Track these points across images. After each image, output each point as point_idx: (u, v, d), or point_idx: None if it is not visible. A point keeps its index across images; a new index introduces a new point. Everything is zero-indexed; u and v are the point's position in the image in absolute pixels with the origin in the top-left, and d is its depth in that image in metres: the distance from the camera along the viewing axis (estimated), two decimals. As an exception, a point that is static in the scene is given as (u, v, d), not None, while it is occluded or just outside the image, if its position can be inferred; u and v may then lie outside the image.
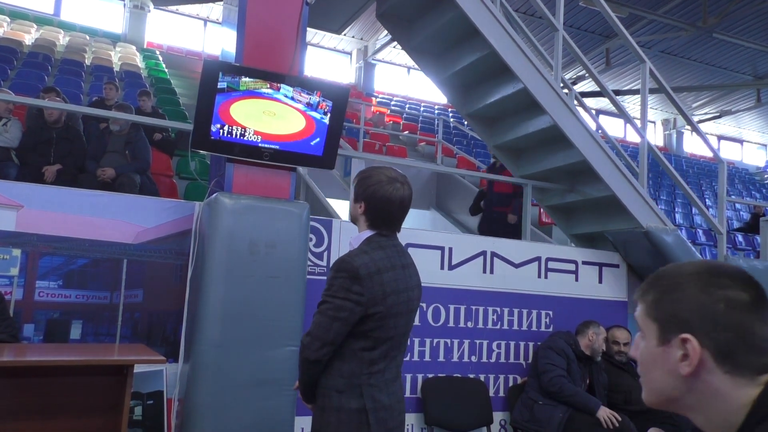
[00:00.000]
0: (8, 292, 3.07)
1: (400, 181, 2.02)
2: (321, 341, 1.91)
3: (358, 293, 1.90)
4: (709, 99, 18.60)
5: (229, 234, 3.06)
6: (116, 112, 5.12)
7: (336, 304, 1.91)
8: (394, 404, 2.01)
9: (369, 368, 1.95)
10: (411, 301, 2.05)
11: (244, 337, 3.01)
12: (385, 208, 2.00)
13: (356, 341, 1.95)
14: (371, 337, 1.95)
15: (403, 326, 2.04)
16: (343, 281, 1.91)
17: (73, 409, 2.44)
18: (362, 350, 1.95)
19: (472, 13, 4.04)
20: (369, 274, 1.92)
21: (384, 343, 1.97)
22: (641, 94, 4.74)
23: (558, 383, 3.76)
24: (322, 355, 1.92)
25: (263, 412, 3.01)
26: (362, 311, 1.91)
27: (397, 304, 1.97)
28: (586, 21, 13.68)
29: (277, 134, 3.25)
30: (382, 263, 1.96)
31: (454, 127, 13.21)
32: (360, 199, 2.04)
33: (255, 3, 3.32)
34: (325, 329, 1.91)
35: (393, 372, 2.04)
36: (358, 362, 1.95)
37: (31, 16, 14.27)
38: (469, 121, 5.22)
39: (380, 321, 1.94)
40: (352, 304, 1.90)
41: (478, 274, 4.12)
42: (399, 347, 2.06)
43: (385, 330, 1.95)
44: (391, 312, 1.95)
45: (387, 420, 1.96)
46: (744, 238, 9.91)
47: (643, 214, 4.34)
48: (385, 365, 1.99)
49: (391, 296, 1.95)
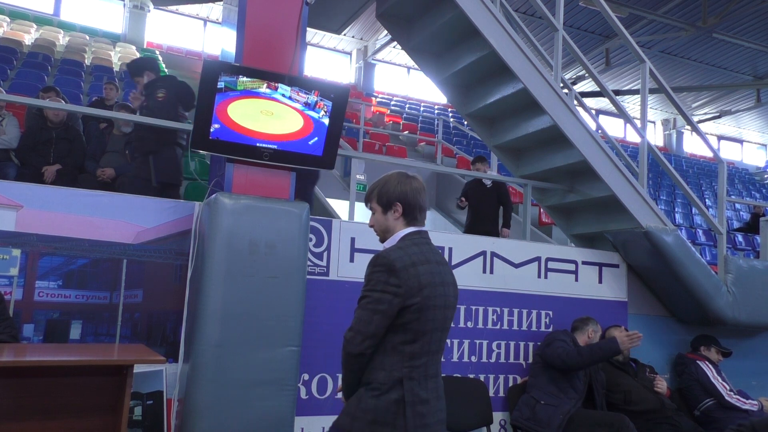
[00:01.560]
0: (8, 292, 3.07)
1: (412, 176, 2.17)
2: (363, 335, 1.97)
3: (396, 285, 1.96)
4: (709, 99, 18.61)
5: (229, 234, 3.06)
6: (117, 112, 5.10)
7: (375, 297, 1.98)
8: (433, 400, 2.04)
9: (410, 362, 2.00)
10: (447, 296, 2.10)
11: (244, 337, 3.01)
12: (419, 199, 2.14)
13: (396, 335, 2.00)
14: (410, 329, 2.00)
15: (441, 320, 2.07)
16: (380, 275, 1.98)
17: (73, 409, 2.43)
18: (402, 344, 2.00)
19: (472, 13, 4.04)
20: (404, 267, 1.98)
21: (423, 336, 2.02)
22: (641, 94, 4.74)
23: (570, 354, 3.75)
24: (364, 348, 1.98)
25: (263, 412, 3.00)
26: (400, 303, 1.97)
27: (434, 297, 2.03)
28: (586, 21, 13.69)
29: (274, 134, 3.25)
30: (417, 257, 2.03)
31: (454, 127, 13.22)
32: (392, 202, 2.13)
33: (255, 3, 3.31)
34: (366, 323, 1.97)
35: (434, 369, 2.08)
36: (399, 356, 2.00)
37: (30, 16, 14.28)
38: (469, 121, 5.22)
39: (417, 313, 1.99)
40: (390, 296, 1.96)
41: (478, 274, 4.12)
42: (438, 343, 2.10)
43: (423, 323, 2.01)
44: (428, 304, 2.01)
45: (425, 415, 1.99)
46: (744, 238, 9.91)
47: (643, 214, 4.34)
48: (426, 360, 2.04)
49: (427, 288, 2.01)
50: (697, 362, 4.43)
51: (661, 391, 4.13)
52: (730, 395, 4.28)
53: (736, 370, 4.72)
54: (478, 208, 6.10)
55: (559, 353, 3.77)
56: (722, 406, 4.25)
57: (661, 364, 4.61)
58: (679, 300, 4.58)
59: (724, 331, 4.69)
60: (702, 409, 4.31)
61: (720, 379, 4.36)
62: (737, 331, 4.80)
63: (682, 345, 4.71)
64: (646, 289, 4.70)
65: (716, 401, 4.27)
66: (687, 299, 4.48)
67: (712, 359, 4.50)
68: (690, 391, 4.38)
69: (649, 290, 4.71)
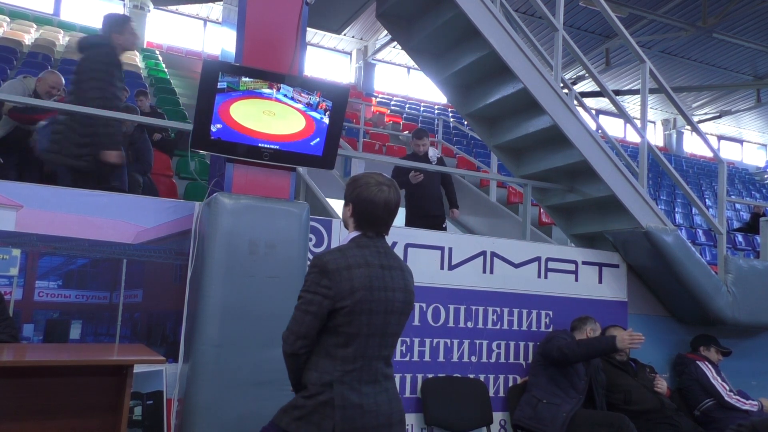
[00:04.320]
0: (8, 292, 3.07)
1: (386, 185, 2.12)
2: (295, 335, 2.02)
3: (326, 287, 1.98)
4: (709, 99, 18.61)
5: (229, 234, 3.06)
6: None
7: (307, 299, 2.01)
8: (368, 405, 2.01)
9: (342, 366, 2.00)
10: (390, 301, 2.06)
11: (244, 337, 3.01)
12: (369, 210, 2.09)
13: (329, 338, 2.02)
14: (342, 332, 2.00)
15: (380, 326, 2.04)
16: (314, 276, 2.02)
17: (73, 409, 2.43)
18: (335, 347, 2.01)
19: (471, 13, 4.04)
20: (337, 269, 2.00)
21: (355, 339, 2.00)
22: (641, 94, 4.74)
23: (569, 345, 3.76)
24: (297, 348, 2.02)
25: (263, 412, 2.99)
26: (330, 305, 1.99)
27: (369, 301, 2.01)
28: (586, 21, 13.69)
29: (276, 134, 3.25)
30: (354, 260, 2.03)
31: (454, 127, 13.21)
32: (348, 201, 2.15)
33: (255, 3, 3.31)
34: (298, 323, 2.02)
35: (371, 374, 2.05)
36: (331, 359, 2.01)
37: (30, 16, 14.28)
38: (469, 121, 5.22)
39: (348, 316, 1.99)
40: (320, 298, 1.99)
41: (478, 274, 4.12)
42: (378, 348, 2.06)
43: (355, 326, 2.00)
44: (361, 308, 1.99)
45: (356, 419, 1.97)
46: (744, 238, 9.91)
47: (643, 214, 4.34)
48: (361, 365, 2.02)
49: (361, 292, 1.99)
50: (696, 362, 4.43)
51: (661, 391, 4.13)
52: (729, 395, 4.28)
53: (736, 370, 4.72)
54: (423, 188, 5.39)
55: (559, 345, 3.78)
56: (722, 406, 4.25)
57: (661, 364, 4.61)
58: (679, 300, 4.58)
59: (724, 331, 4.69)
60: (702, 409, 4.31)
61: (720, 380, 4.36)
62: (737, 331, 4.79)
63: (682, 345, 4.71)
64: (646, 289, 4.70)
65: (716, 401, 4.27)
66: (687, 299, 4.48)
67: (711, 359, 4.50)
68: (690, 391, 4.38)
69: (649, 290, 4.71)
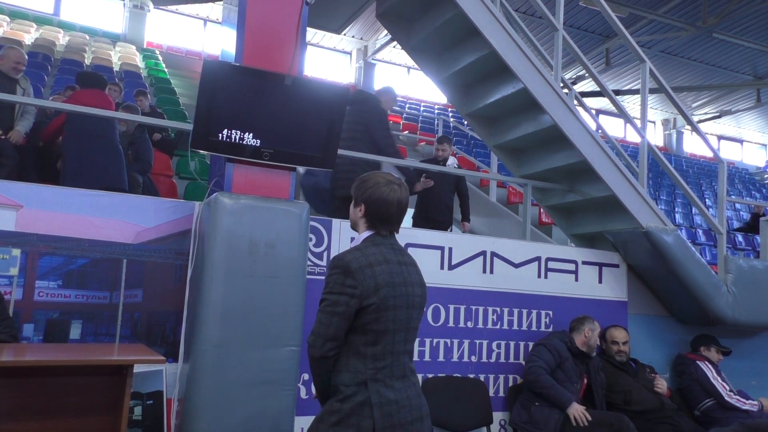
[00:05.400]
0: (8, 292, 3.07)
1: (397, 183, 2.16)
2: (323, 337, 2.00)
3: (352, 286, 1.99)
4: (709, 99, 18.60)
5: (229, 234, 3.06)
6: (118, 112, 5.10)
7: (332, 300, 2.01)
8: (402, 400, 2.04)
9: (374, 364, 2.02)
10: (411, 296, 2.10)
11: (244, 337, 3.01)
12: (383, 209, 2.12)
13: (358, 336, 2.03)
14: (370, 330, 2.02)
15: (404, 321, 2.08)
16: (337, 277, 2.02)
17: (73, 409, 2.43)
18: (365, 345, 2.02)
19: (472, 13, 4.04)
20: (360, 267, 2.01)
21: (384, 336, 2.03)
22: (641, 94, 4.74)
23: (535, 372, 3.77)
24: (326, 350, 2.00)
25: (263, 412, 3.00)
26: (357, 304, 1.99)
27: (393, 297, 2.04)
28: (586, 21, 13.68)
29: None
30: (374, 257, 2.05)
31: (454, 127, 13.20)
32: (359, 201, 2.15)
33: (255, 3, 3.31)
34: (325, 325, 2.00)
35: (401, 369, 2.08)
36: (362, 358, 2.02)
37: (30, 16, 14.27)
38: (469, 121, 5.22)
39: (375, 313, 2.01)
40: (347, 298, 1.99)
41: (478, 274, 4.12)
42: (404, 343, 2.10)
43: (383, 323, 2.02)
44: (386, 304, 2.02)
45: (393, 415, 2.00)
46: (744, 238, 9.91)
47: (643, 214, 4.34)
48: (391, 361, 2.05)
49: (385, 288, 2.02)
50: (696, 362, 4.43)
51: (661, 391, 4.13)
52: (729, 395, 4.28)
53: (736, 370, 4.72)
54: (433, 193, 5.44)
55: (532, 364, 3.83)
56: (722, 406, 4.25)
57: (661, 364, 4.61)
58: (679, 300, 4.58)
59: (724, 331, 4.69)
60: (702, 409, 4.31)
61: (720, 380, 4.36)
62: (737, 331, 4.79)
63: (682, 345, 4.71)
64: (646, 289, 4.70)
65: (716, 401, 4.27)
66: (687, 299, 4.48)
67: (711, 359, 4.50)
68: (690, 391, 4.38)
69: (649, 290, 4.71)
